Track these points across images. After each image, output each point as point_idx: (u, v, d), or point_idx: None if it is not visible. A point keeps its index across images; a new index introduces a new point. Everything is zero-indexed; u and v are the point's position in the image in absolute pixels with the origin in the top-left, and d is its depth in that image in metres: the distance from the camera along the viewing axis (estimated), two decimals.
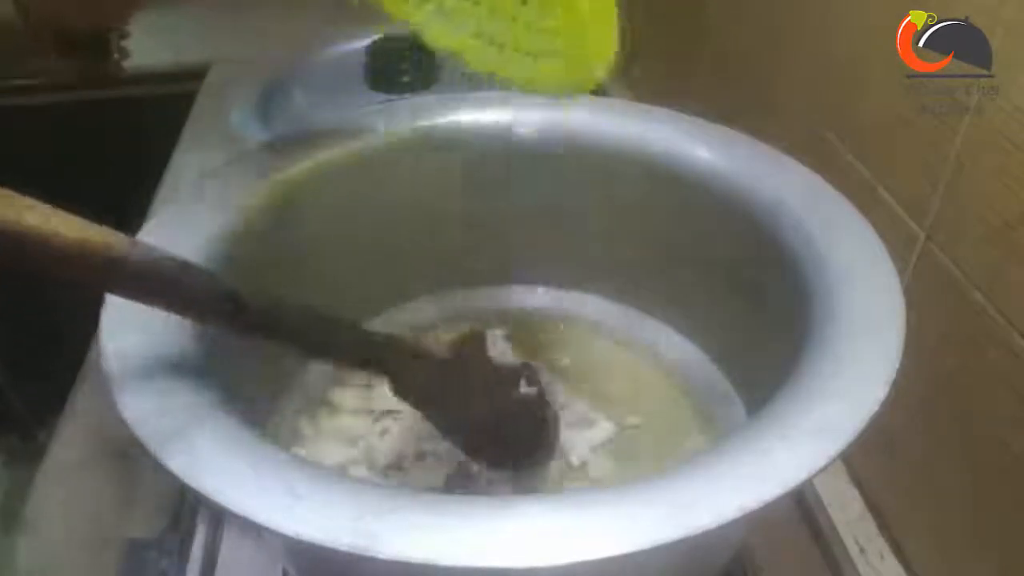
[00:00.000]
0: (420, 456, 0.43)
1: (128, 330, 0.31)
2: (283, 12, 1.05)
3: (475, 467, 0.42)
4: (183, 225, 0.37)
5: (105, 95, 0.98)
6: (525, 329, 0.51)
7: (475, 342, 0.38)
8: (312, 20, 1.01)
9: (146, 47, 1.05)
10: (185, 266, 0.29)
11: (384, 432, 0.44)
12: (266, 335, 0.32)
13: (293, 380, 0.45)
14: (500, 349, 0.40)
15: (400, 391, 0.36)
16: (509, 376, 0.39)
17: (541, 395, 0.39)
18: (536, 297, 0.52)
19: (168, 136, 0.87)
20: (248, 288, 0.31)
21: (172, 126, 0.88)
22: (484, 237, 0.49)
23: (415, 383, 0.36)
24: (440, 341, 0.37)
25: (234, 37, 1.02)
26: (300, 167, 0.42)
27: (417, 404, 0.37)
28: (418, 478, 0.42)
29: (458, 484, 0.42)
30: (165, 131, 0.87)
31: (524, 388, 0.39)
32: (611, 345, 0.50)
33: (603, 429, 0.45)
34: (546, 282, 0.52)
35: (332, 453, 0.43)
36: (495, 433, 0.38)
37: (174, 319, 0.30)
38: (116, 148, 0.92)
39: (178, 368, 0.30)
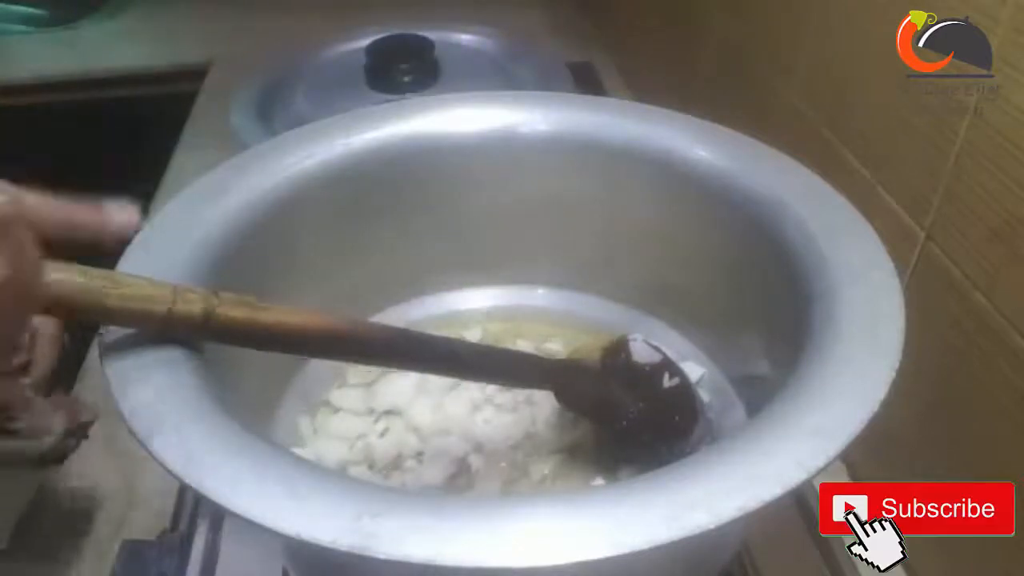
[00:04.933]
0: (420, 456, 0.43)
1: (127, 329, 0.31)
2: (283, 12, 1.05)
3: (473, 466, 0.42)
4: (180, 226, 0.37)
5: (105, 95, 0.98)
6: (524, 329, 0.51)
7: (620, 348, 0.42)
8: (312, 20, 1.01)
9: (146, 47, 1.06)
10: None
11: (384, 432, 0.44)
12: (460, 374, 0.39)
13: (293, 380, 0.45)
14: (641, 349, 0.42)
15: (565, 401, 0.42)
16: (654, 373, 0.42)
17: (684, 384, 0.42)
18: (536, 297, 0.52)
19: (168, 136, 0.87)
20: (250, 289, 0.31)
21: (172, 126, 0.88)
22: (484, 236, 0.49)
23: (577, 393, 0.42)
24: (591, 354, 0.42)
25: (234, 37, 1.02)
26: (298, 167, 0.42)
27: (582, 412, 0.43)
28: (418, 478, 0.42)
29: (458, 484, 0.42)
30: (165, 131, 0.87)
31: (667, 382, 0.42)
32: None
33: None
34: (546, 282, 0.52)
35: (332, 453, 0.43)
36: (651, 423, 0.41)
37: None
38: (116, 148, 0.92)
39: (178, 367, 0.30)
